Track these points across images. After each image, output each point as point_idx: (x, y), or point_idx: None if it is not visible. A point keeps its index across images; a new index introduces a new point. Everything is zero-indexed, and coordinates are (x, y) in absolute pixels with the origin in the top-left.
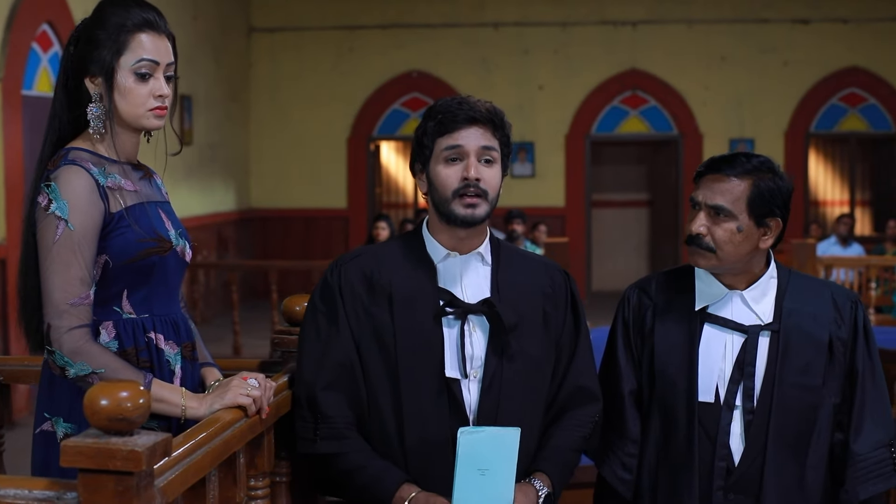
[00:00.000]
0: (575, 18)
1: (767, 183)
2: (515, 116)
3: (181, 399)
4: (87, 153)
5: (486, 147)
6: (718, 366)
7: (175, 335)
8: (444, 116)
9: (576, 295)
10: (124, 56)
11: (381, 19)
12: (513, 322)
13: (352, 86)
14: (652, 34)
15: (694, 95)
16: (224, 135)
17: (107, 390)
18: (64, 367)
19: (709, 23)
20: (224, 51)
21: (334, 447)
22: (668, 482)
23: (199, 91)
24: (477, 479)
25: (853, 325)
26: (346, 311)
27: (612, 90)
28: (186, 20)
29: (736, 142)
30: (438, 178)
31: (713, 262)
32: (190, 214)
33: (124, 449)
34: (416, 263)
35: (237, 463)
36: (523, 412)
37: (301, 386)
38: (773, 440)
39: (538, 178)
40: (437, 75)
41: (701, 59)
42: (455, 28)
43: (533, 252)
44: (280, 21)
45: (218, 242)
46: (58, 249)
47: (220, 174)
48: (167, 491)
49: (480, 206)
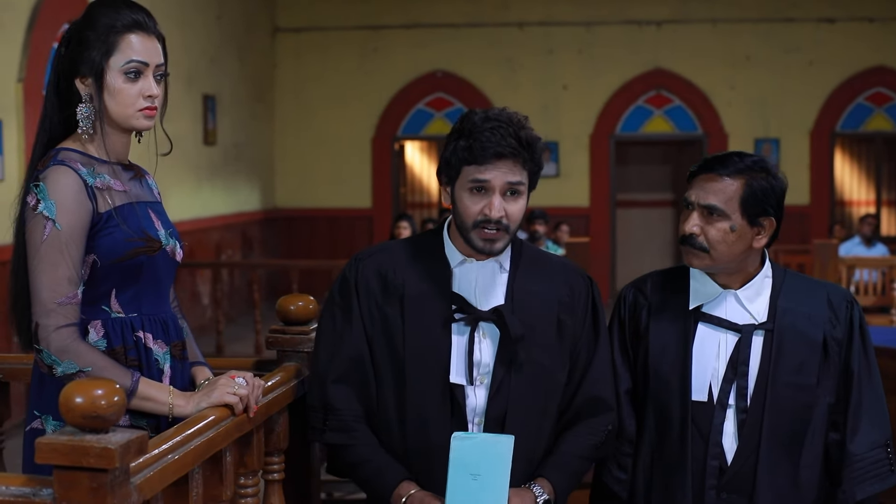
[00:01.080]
0: (599, 18)
1: (760, 182)
2: (540, 116)
3: (168, 397)
4: (76, 154)
5: (512, 182)
6: (712, 365)
7: (164, 334)
8: (474, 145)
9: (597, 302)
10: (114, 57)
11: (405, 19)
12: (521, 333)
13: (376, 85)
14: (676, 34)
15: (718, 95)
16: (249, 134)
17: (82, 388)
18: (52, 365)
19: (733, 22)
20: (249, 51)
21: (341, 439)
22: (662, 481)
23: (223, 91)
24: (469, 485)
25: (849, 324)
26: (360, 307)
27: (637, 90)
28: (211, 20)
29: (761, 141)
30: (462, 204)
31: (707, 261)
32: (215, 214)
33: (97, 446)
34: (433, 265)
35: (223, 461)
36: (531, 420)
37: (314, 376)
38: (767, 439)
39: (562, 178)
40: (462, 75)
41: (726, 59)
42: (479, 28)
43: (557, 256)
44: (305, 21)
45: (243, 242)
46: (45, 249)
47: (245, 174)
48: (144, 488)
49: (500, 241)
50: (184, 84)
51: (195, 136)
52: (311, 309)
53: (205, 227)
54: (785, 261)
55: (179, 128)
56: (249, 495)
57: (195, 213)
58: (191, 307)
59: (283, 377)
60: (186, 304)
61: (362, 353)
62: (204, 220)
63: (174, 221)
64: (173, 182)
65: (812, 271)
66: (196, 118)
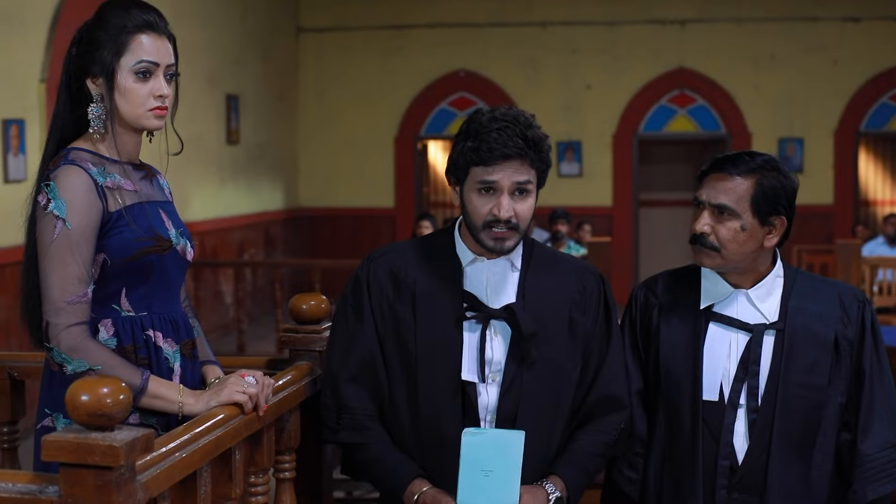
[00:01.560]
0: (623, 17)
1: (771, 181)
2: (563, 116)
3: (178, 396)
4: (87, 153)
5: (520, 182)
6: (723, 364)
7: (174, 333)
8: (481, 146)
9: (609, 300)
10: (125, 57)
11: (428, 19)
12: (533, 330)
13: (399, 85)
14: (700, 33)
15: (742, 94)
16: (272, 134)
17: (88, 386)
18: (62, 363)
19: (757, 21)
20: (272, 51)
21: (354, 437)
22: (673, 481)
23: (246, 91)
24: (480, 480)
25: (860, 324)
26: (371, 307)
27: (660, 89)
28: (235, 20)
29: (785, 141)
30: (471, 205)
31: (718, 261)
32: (238, 213)
33: (102, 444)
34: (444, 264)
35: (233, 459)
36: (543, 417)
37: (327, 375)
38: (778, 439)
39: (585, 178)
40: (485, 75)
41: (750, 58)
42: (502, 27)
43: (569, 255)
44: (328, 21)
45: (266, 241)
46: (56, 248)
47: (268, 173)
48: (151, 486)
49: (510, 240)
50: (207, 84)
51: (218, 136)
52: (323, 308)
53: (227, 227)
54: (808, 261)
55: (202, 128)
56: (259, 493)
57: (218, 212)
58: (213, 306)
59: (295, 376)
60: (209, 303)
61: (374, 352)
62: (226, 220)
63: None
64: (196, 181)
65: (835, 271)
66: (219, 118)
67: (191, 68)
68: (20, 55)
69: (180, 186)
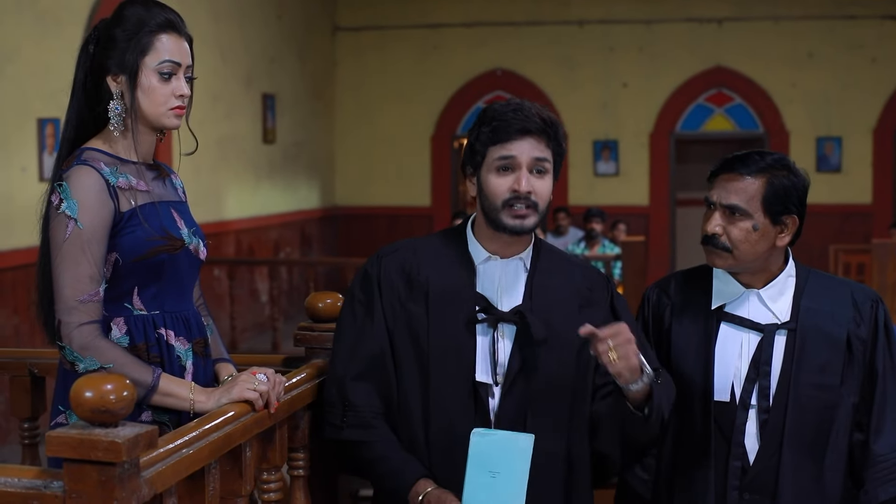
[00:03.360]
0: (660, 16)
1: (782, 181)
2: (599, 114)
3: (189, 393)
4: (101, 153)
5: (538, 158)
6: (734, 365)
7: (186, 331)
8: (499, 125)
9: (615, 300)
10: (149, 56)
11: (464, 17)
12: (543, 335)
13: (436, 84)
14: (737, 31)
15: (780, 93)
16: (308, 133)
17: (92, 383)
18: (74, 361)
19: (795, 19)
20: (309, 50)
21: (360, 435)
22: (685, 481)
23: (283, 90)
24: (487, 481)
25: (873, 323)
26: (382, 303)
27: (697, 88)
28: (271, 19)
29: (823, 140)
30: (489, 187)
31: (730, 261)
32: (274, 212)
33: (105, 440)
34: (457, 263)
35: (243, 456)
36: (551, 419)
37: (333, 373)
38: (789, 440)
39: (622, 177)
40: (521, 73)
41: (787, 56)
42: (539, 26)
43: (575, 256)
44: (364, 20)
45: (302, 239)
46: (67, 247)
47: (305, 172)
48: (156, 482)
49: (530, 218)
50: (243, 83)
51: (254, 135)
52: (339, 307)
53: (263, 226)
54: (845, 260)
55: (238, 126)
56: (272, 490)
57: (254, 211)
58: (249, 304)
59: (310, 374)
60: (245, 301)
61: (384, 349)
62: (262, 218)
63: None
64: (232, 180)
65: (871, 271)
66: (255, 117)
67: (228, 68)
68: (55, 54)
69: (216, 185)
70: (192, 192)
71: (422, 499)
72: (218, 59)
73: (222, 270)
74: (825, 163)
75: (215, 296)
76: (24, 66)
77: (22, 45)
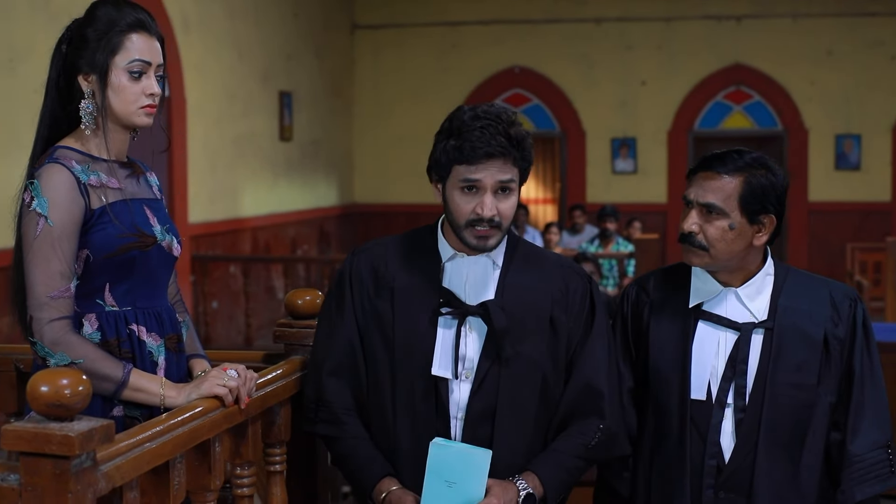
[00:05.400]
0: (678, 13)
1: (760, 180)
2: (618, 112)
3: (160, 389)
4: (73, 151)
5: (503, 181)
6: (711, 363)
7: (158, 327)
8: (464, 144)
9: (595, 301)
10: (118, 55)
11: (482, 15)
12: (504, 326)
13: (454, 81)
14: (756, 28)
15: (799, 90)
16: (326, 130)
17: (48, 378)
18: (45, 357)
19: (814, 17)
20: (326, 48)
21: (330, 430)
22: (661, 480)
23: (300, 88)
24: (444, 491)
25: (851, 322)
26: (353, 301)
27: (716, 85)
28: (288, 17)
29: (842, 137)
30: (453, 203)
31: (706, 259)
32: (291, 209)
33: (58, 434)
34: (424, 259)
35: (212, 451)
36: (518, 415)
37: (310, 367)
38: (765, 438)
39: (640, 175)
40: (539, 71)
41: (806, 54)
42: (557, 24)
43: (554, 254)
44: (383, 18)
45: (320, 237)
46: (38, 244)
47: (323, 169)
48: (115, 475)
49: (492, 238)
50: (259, 81)
51: (271, 133)
52: (318, 303)
53: (280, 223)
54: (862, 259)
55: (255, 124)
56: (245, 485)
57: (271, 208)
58: (266, 301)
59: (287, 370)
60: (260, 298)
61: (355, 346)
62: (279, 216)
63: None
64: (248, 177)
65: (886, 269)
66: (272, 115)
67: (244, 66)
68: None
69: (232, 183)
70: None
71: (384, 497)
72: (234, 57)
73: (237, 267)
74: (844, 161)
75: (231, 293)
76: (38, 66)
77: (35, 45)
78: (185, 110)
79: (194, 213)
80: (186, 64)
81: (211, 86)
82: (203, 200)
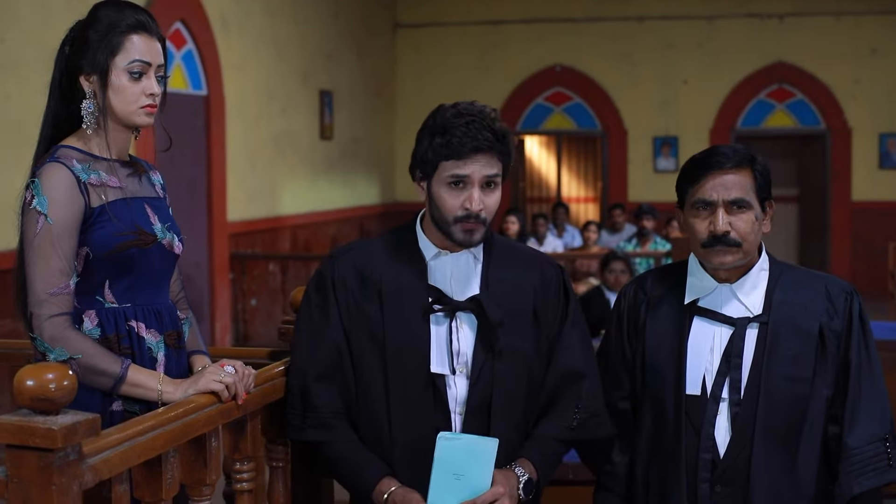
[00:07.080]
0: (720, 12)
1: (760, 167)
2: (659, 111)
3: (158, 384)
4: (74, 150)
5: (489, 175)
6: (706, 358)
7: (158, 324)
8: (451, 140)
9: (569, 289)
10: (119, 56)
11: (524, 14)
12: (499, 318)
13: (495, 80)
14: (799, 27)
15: (842, 89)
16: (367, 129)
17: (34, 372)
18: (45, 352)
19: (858, 14)
20: (367, 46)
21: (321, 435)
22: (658, 475)
23: (341, 86)
24: (452, 483)
25: (847, 316)
26: (337, 305)
27: (758, 84)
28: (328, 17)
29: (885, 136)
30: (440, 200)
31: (739, 255)
32: (331, 207)
33: (42, 427)
34: (407, 259)
35: (208, 446)
36: (514, 405)
37: (293, 374)
38: (760, 432)
39: None
40: (581, 69)
41: (850, 52)
42: (598, 22)
43: (527, 247)
44: (424, 17)
45: (360, 235)
46: (38, 242)
47: (364, 168)
48: (102, 468)
49: (478, 232)
50: (300, 80)
51: (311, 132)
52: None
53: (321, 221)
54: None
55: (295, 123)
56: (245, 480)
57: (311, 206)
58: None
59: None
60: None
61: (342, 350)
62: (320, 214)
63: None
64: (288, 176)
65: None
66: (312, 113)
67: (283, 64)
68: None
69: (272, 181)
70: (247, 187)
71: (386, 498)
72: (274, 56)
73: (276, 265)
74: (888, 160)
75: (269, 290)
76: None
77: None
78: (223, 109)
79: (233, 212)
80: (225, 63)
81: (250, 85)
82: (242, 199)
